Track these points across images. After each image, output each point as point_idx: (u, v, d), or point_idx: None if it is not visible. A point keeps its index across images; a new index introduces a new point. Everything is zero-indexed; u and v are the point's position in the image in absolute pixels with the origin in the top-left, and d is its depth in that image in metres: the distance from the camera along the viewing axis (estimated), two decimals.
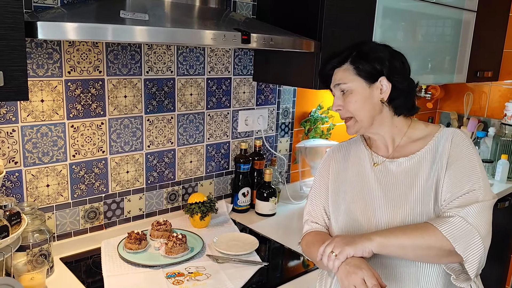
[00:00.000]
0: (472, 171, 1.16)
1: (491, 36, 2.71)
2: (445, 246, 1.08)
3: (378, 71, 1.22)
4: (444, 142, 1.22)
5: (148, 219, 1.83)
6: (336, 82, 1.25)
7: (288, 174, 2.35)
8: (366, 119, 1.23)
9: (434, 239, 1.08)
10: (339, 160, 1.36)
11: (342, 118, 1.28)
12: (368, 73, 1.21)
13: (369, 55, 1.23)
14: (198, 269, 1.51)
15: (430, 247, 1.09)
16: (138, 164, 1.76)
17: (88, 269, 1.52)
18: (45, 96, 1.48)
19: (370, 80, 1.22)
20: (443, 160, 1.19)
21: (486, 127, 2.94)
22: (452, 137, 1.21)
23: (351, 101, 1.22)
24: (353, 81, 1.22)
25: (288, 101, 2.24)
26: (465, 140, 1.21)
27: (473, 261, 1.08)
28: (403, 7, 2.07)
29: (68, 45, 1.50)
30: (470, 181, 1.14)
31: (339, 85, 1.24)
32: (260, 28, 1.56)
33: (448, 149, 1.20)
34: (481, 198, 1.12)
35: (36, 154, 1.50)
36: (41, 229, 1.43)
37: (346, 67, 1.24)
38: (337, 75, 1.25)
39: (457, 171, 1.16)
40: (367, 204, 1.24)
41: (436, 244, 1.08)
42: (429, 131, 1.27)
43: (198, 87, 1.88)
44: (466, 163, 1.17)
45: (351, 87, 1.22)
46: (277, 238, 1.79)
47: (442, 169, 1.18)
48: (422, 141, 1.26)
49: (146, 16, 1.23)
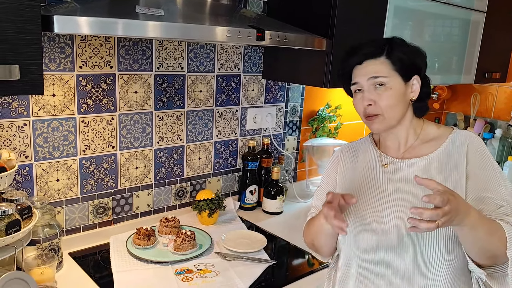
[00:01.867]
0: (497, 181, 1.15)
1: (500, 38, 2.70)
2: (502, 250, 1.04)
3: (416, 69, 1.19)
4: (458, 146, 1.20)
5: (156, 215, 1.83)
6: (372, 74, 1.16)
7: (295, 173, 2.34)
8: (395, 118, 1.19)
9: (498, 243, 1.04)
10: (347, 160, 1.35)
11: (366, 115, 1.19)
12: (406, 70, 1.18)
13: (408, 51, 1.19)
14: (207, 266, 1.51)
15: (494, 248, 1.05)
16: (147, 160, 1.76)
17: (96, 264, 1.52)
18: (57, 90, 1.48)
19: (406, 77, 1.18)
20: (459, 165, 1.18)
21: (493, 129, 2.94)
22: (469, 142, 1.20)
23: (386, 97, 1.16)
24: (391, 76, 1.16)
25: (297, 99, 2.24)
26: (482, 145, 1.20)
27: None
28: (413, 7, 2.06)
29: (80, 39, 1.49)
30: (503, 190, 1.13)
31: (377, 78, 1.16)
32: (272, 25, 1.56)
33: (464, 155, 1.18)
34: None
35: (47, 149, 1.50)
36: (51, 224, 1.43)
37: (382, 60, 1.17)
38: (372, 67, 1.17)
39: (484, 178, 1.15)
40: (376, 204, 1.23)
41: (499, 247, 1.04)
42: (442, 133, 1.25)
43: (207, 84, 1.87)
44: (491, 172, 1.16)
45: (389, 82, 1.16)
46: (283, 236, 1.79)
47: (461, 175, 1.17)
48: (434, 142, 1.24)
49: (161, 11, 1.22)
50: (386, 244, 1.17)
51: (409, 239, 1.15)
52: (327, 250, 1.29)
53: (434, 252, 1.12)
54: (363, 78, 1.18)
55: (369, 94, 1.17)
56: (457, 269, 1.15)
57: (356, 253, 1.22)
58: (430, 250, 1.12)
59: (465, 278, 1.17)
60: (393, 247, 1.16)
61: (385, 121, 1.18)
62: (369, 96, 1.17)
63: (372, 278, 1.19)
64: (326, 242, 1.26)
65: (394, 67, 1.17)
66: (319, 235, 1.25)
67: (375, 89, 1.17)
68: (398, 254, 1.16)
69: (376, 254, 1.18)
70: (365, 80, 1.17)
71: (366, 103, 1.17)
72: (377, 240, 1.18)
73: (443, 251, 1.12)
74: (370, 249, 1.19)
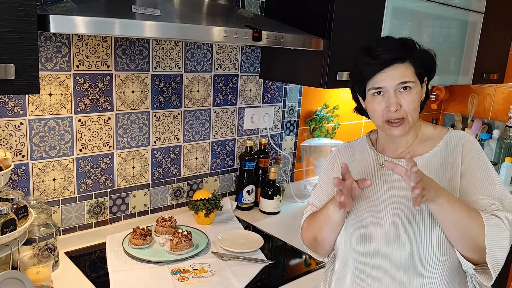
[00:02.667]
0: (491, 180, 1.17)
1: (498, 38, 2.70)
2: (482, 238, 1.07)
3: (430, 72, 1.22)
4: (454, 145, 1.22)
5: (152, 215, 1.83)
6: (402, 80, 1.15)
7: (293, 173, 2.35)
8: (415, 120, 1.21)
9: (478, 228, 1.07)
10: (344, 159, 1.35)
11: (389, 119, 1.18)
12: (422, 73, 1.20)
13: (426, 55, 1.21)
14: (203, 266, 1.51)
15: (474, 234, 1.08)
16: (144, 159, 1.76)
17: (93, 263, 1.52)
18: (53, 89, 1.48)
19: (421, 80, 1.21)
20: (454, 164, 1.19)
21: (490, 129, 2.94)
22: (464, 142, 1.21)
23: (411, 101, 1.16)
24: (416, 80, 1.18)
25: (294, 99, 2.24)
26: (477, 145, 1.22)
27: (497, 269, 1.08)
28: (411, 7, 2.06)
29: (77, 39, 1.49)
30: (497, 190, 1.15)
31: (406, 83, 1.16)
32: (270, 25, 1.56)
33: (460, 154, 1.20)
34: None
35: (43, 148, 1.50)
36: (47, 223, 1.43)
37: (408, 65, 1.17)
38: (399, 72, 1.16)
39: (478, 178, 1.17)
40: (373, 203, 1.24)
41: (478, 233, 1.07)
42: (438, 133, 1.27)
43: (205, 84, 1.87)
44: (484, 172, 1.17)
45: (415, 87, 1.17)
46: (280, 236, 1.79)
47: (455, 173, 1.19)
48: (430, 142, 1.26)
49: (158, 11, 1.22)
50: (383, 243, 1.18)
51: (404, 237, 1.15)
52: (328, 246, 1.29)
53: (429, 250, 1.13)
54: (391, 82, 1.16)
55: (395, 98, 1.16)
56: (453, 269, 1.15)
57: (352, 253, 1.22)
58: (425, 248, 1.13)
59: (460, 278, 1.18)
60: (389, 246, 1.17)
61: (408, 125, 1.19)
62: (395, 101, 1.16)
63: (368, 277, 1.20)
64: (330, 235, 1.26)
65: (415, 70, 1.18)
66: (324, 228, 1.25)
67: (400, 93, 1.17)
68: (394, 253, 1.16)
69: (373, 254, 1.19)
70: (394, 85, 1.16)
71: (393, 108, 1.16)
72: (374, 240, 1.19)
73: (438, 249, 1.13)
74: (366, 248, 1.20)
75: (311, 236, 1.31)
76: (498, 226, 1.08)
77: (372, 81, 1.19)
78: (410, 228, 1.16)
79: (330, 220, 1.22)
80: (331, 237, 1.26)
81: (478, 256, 1.10)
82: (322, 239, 1.28)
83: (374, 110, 1.20)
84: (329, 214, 1.22)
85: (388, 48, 1.18)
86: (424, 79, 1.23)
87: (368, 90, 1.20)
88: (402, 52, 1.17)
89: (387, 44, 1.20)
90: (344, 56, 1.74)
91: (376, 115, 1.21)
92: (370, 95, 1.20)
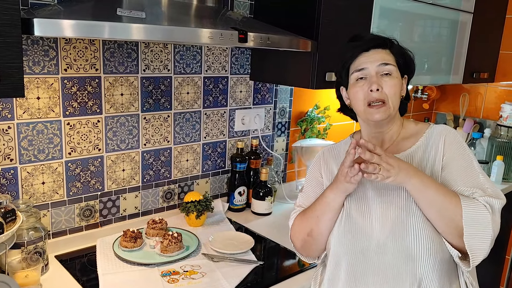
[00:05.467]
0: (473, 170, 1.19)
1: (488, 38, 2.72)
2: (458, 223, 1.10)
3: (409, 70, 1.28)
4: (435, 139, 1.24)
5: (143, 217, 1.83)
6: (383, 61, 1.21)
7: (285, 174, 2.35)
8: (395, 108, 1.24)
9: (455, 209, 1.10)
10: (330, 162, 1.36)
11: (371, 101, 1.21)
12: (404, 67, 1.26)
13: (405, 51, 1.28)
14: (193, 268, 1.51)
15: (451, 214, 1.11)
16: (134, 162, 1.76)
17: (83, 267, 1.52)
18: (41, 93, 1.48)
19: (401, 73, 1.26)
20: (436, 157, 1.22)
21: (482, 128, 2.96)
22: (445, 135, 1.24)
23: (392, 85, 1.21)
24: (395, 65, 1.23)
25: (285, 100, 2.24)
26: (458, 138, 1.25)
27: (477, 255, 1.10)
28: (399, 7, 2.07)
29: (65, 42, 1.50)
30: (479, 179, 1.18)
31: (386, 66, 1.21)
32: (257, 27, 1.57)
33: (441, 147, 1.22)
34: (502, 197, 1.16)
35: (32, 152, 1.50)
36: (36, 227, 1.43)
37: (388, 52, 1.24)
38: (381, 55, 1.22)
39: (459, 168, 1.19)
40: (361, 201, 1.25)
41: (456, 214, 1.10)
42: (419, 129, 1.30)
43: (195, 86, 1.88)
44: (465, 163, 1.20)
45: (394, 72, 1.22)
46: (272, 237, 1.80)
47: (437, 166, 1.21)
48: (413, 138, 1.29)
49: (143, 14, 1.23)
50: (374, 241, 1.19)
51: (394, 234, 1.17)
52: (322, 241, 1.28)
53: (418, 244, 1.14)
54: (373, 64, 1.21)
55: (377, 79, 1.20)
56: (444, 263, 1.17)
57: (345, 253, 1.22)
58: (415, 242, 1.15)
59: (451, 273, 1.19)
60: (380, 243, 1.18)
61: (388, 110, 1.22)
62: (377, 81, 1.20)
63: (362, 276, 1.20)
64: (327, 226, 1.26)
65: (397, 60, 1.24)
66: (322, 218, 1.25)
67: (381, 77, 1.21)
68: (385, 250, 1.17)
69: (365, 253, 1.20)
70: (375, 66, 1.21)
71: (374, 87, 1.19)
72: (365, 238, 1.20)
73: (427, 244, 1.14)
74: (358, 247, 1.20)
75: (305, 232, 1.30)
76: (477, 208, 1.10)
77: (354, 64, 1.24)
78: (399, 224, 1.17)
79: (329, 207, 1.23)
80: (328, 229, 1.26)
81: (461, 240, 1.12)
82: (319, 231, 1.27)
83: (357, 94, 1.23)
84: (328, 201, 1.23)
85: (371, 35, 1.28)
86: (404, 75, 1.27)
87: (351, 74, 1.25)
88: (384, 40, 1.24)
89: (370, 34, 1.29)
90: (333, 57, 1.74)
91: (358, 99, 1.24)
92: (353, 80, 1.25)
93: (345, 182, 1.17)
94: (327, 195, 1.24)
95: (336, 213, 1.25)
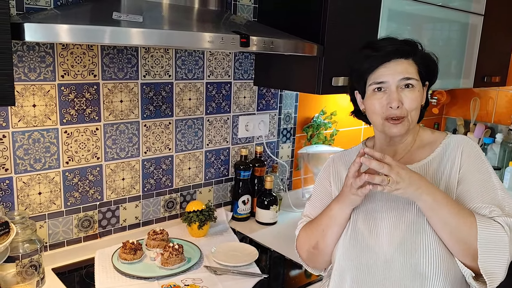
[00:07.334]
0: (492, 185, 1.12)
1: (499, 40, 2.64)
2: (472, 245, 1.03)
3: (432, 76, 1.19)
4: (452, 150, 1.17)
5: (144, 227, 1.77)
6: (405, 75, 1.12)
7: (290, 181, 2.29)
8: (415, 122, 1.17)
9: (469, 230, 1.03)
10: (340, 170, 1.31)
11: (390, 117, 1.13)
12: (426, 75, 1.17)
13: (429, 57, 1.18)
14: (194, 281, 1.46)
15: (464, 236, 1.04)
16: (135, 171, 1.71)
17: (81, 280, 1.47)
18: (37, 100, 1.43)
19: (423, 82, 1.17)
20: (452, 170, 1.14)
21: (493, 133, 2.88)
22: (463, 147, 1.16)
23: (413, 100, 1.12)
24: (418, 79, 1.14)
25: (290, 106, 2.18)
26: (477, 149, 1.17)
27: (493, 279, 1.03)
28: (408, 10, 2.01)
29: (62, 48, 1.45)
30: (498, 194, 1.10)
31: (409, 80, 1.12)
32: (260, 31, 1.51)
33: (458, 160, 1.15)
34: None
35: (28, 161, 1.45)
36: (32, 239, 1.38)
37: (411, 62, 1.14)
38: (402, 67, 1.12)
39: (477, 183, 1.12)
40: (369, 214, 1.19)
41: (470, 235, 1.03)
42: (436, 138, 1.23)
43: (197, 92, 1.82)
44: (483, 176, 1.12)
45: (416, 85, 1.13)
46: (278, 248, 1.73)
47: (453, 180, 1.14)
48: (428, 148, 1.22)
49: (140, 18, 1.18)
50: (381, 256, 1.13)
51: (402, 249, 1.10)
52: (328, 254, 1.23)
53: (428, 263, 1.08)
54: (394, 77, 1.12)
55: (397, 95, 1.12)
56: (454, 284, 1.09)
57: (350, 267, 1.17)
58: (424, 260, 1.08)
59: None
60: (387, 258, 1.12)
61: (407, 125, 1.15)
62: (397, 97, 1.12)
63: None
64: (333, 239, 1.20)
65: (419, 70, 1.15)
66: (327, 232, 1.19)
67: (401, 90, 1.13)
68: (392, 266, 1.11)
69: (371, 267, 1.14)
70: (396, 80, 1.12)
71: (395, 104, 1.11)
72: (371, 252, 1.14)
73: (437, 262, 1.07)
74: (364, 262, 1.15)
75: (310, 245, 1.25)
76: (494, 229, 1.03)
77: (373, 75, 1.15)
78: (408, 239, 1.10)
79: (335, 221, 1.17)
80: (334, 242, 1.21)
81: (476, 263, 1.04)
82: (324, 245, 1.22)
83: (374, 106, 1.15)
84: (333, 215, 1.17)
85: (391, 42, 1.16)
86: (425, 83, 1.19)
87: (369, 85, 1.16)
88: (405, 47, 1.14)
89: (390, 39, 1.18)
90: (339, 61, 1.69)
91: (375, 112, 1.16)
92: (371, 91, 1.16)
93: (351, 195, 1.10)
94: (333, 208, 1.18)
95: (342, 226, 1.18)
